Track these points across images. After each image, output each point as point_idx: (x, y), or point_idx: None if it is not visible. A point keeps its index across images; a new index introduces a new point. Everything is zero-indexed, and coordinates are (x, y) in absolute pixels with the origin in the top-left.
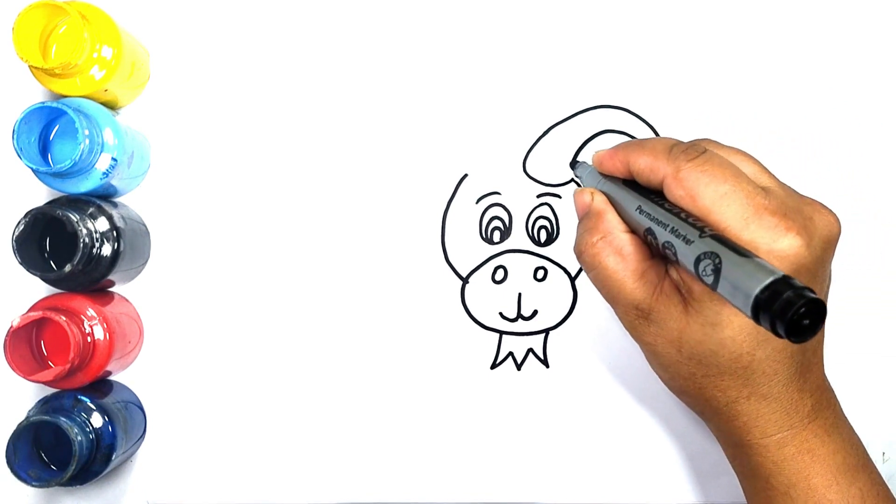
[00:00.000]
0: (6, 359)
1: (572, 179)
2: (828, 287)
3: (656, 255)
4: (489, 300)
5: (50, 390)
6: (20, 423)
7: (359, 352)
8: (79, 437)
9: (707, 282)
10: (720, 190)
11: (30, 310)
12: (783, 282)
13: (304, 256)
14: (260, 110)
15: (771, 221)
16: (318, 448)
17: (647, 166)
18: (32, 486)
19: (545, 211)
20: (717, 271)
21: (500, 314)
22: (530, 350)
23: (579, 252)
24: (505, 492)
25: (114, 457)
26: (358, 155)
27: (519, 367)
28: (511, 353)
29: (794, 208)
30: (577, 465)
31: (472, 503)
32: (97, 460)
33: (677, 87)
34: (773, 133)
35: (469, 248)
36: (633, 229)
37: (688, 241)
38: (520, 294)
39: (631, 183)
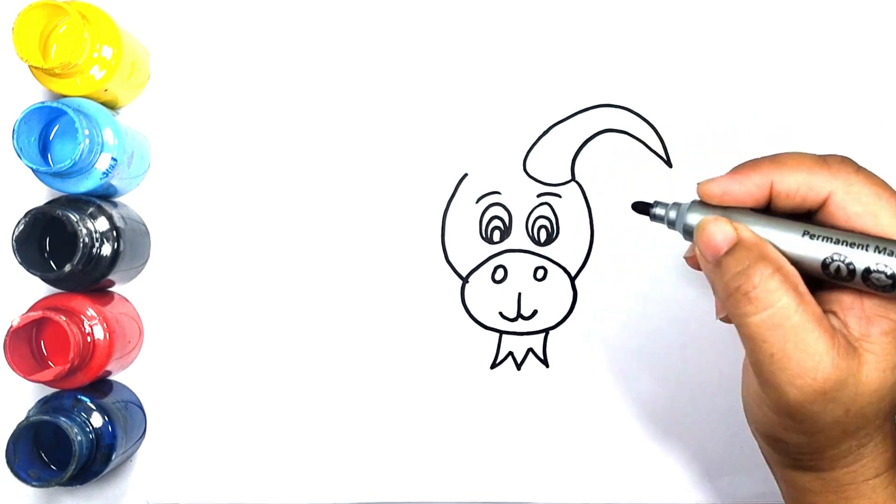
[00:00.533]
0: (6, 359)
1: (572, 179)
2: None
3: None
4: (489, 300)
5: (50, 390)
6: (20, 423)
7: (359, 351)
8: (79, 437)
9: None
10: (893, 209)
11: (30, 310)
12: None
13: (304, 256)
14: (260, 110)
15: None
16: (318, 448)
17: (805, 183)
18: (32, 485)
19: (545, 211)
20: None
21: (500, 314)
22: (530, 350)
23: (744, 292)
24: (505, 491)
25: (114, 457)
26: (358, 155)
27: (519, 366)
28: (511, 353)
29: None
30: (576, 465)
31: (471, 503)
32: (97, 460)
33: (678, 87)
34: (774, 133)
35: (469, 248)
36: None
37: (883, 251)
38: (520, 294)
39: (763, 212)
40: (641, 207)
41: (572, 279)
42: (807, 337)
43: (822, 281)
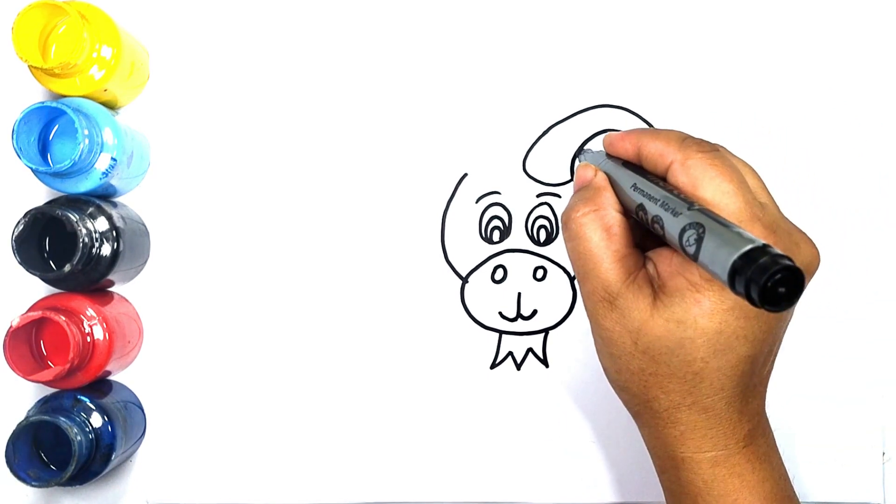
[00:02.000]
0: (6, 359)
1: (572, 179)
2: (790, 317)
3: (640, 241)
4: (489, 300)
5: (49, 390)
6: (20, 423)
7: (358, 351)
8: (78, 437)
9: (689, 252)
10: (723, 187)
11: (29, 310)
12: (761, 249)
13: (303, 256)
14: (260, 110)
15: (761, 233)
16: (318, 448)
17: (658, 151)
18: (32, 486)
19: (545, 210)
20: (699, 240)
21: (500, 314)
22: (530, 350)
23: (566, 220)
24: (504, 491)
25: (113, 457)
26: (358, 154)
27: (518, 366)
28: (511, 353)
29: (785, 230)
30: (576, 465)
31: (471, 503)
32: (97, 460)
33: (677, 87)
34: (773, 133)
35: (469, 248)
36: (626, 210)
37: (676, 214)
38: (519, 294)
39: (634, 166)
40: (577, 152)
41: (572, 279)
42: (602, 265)
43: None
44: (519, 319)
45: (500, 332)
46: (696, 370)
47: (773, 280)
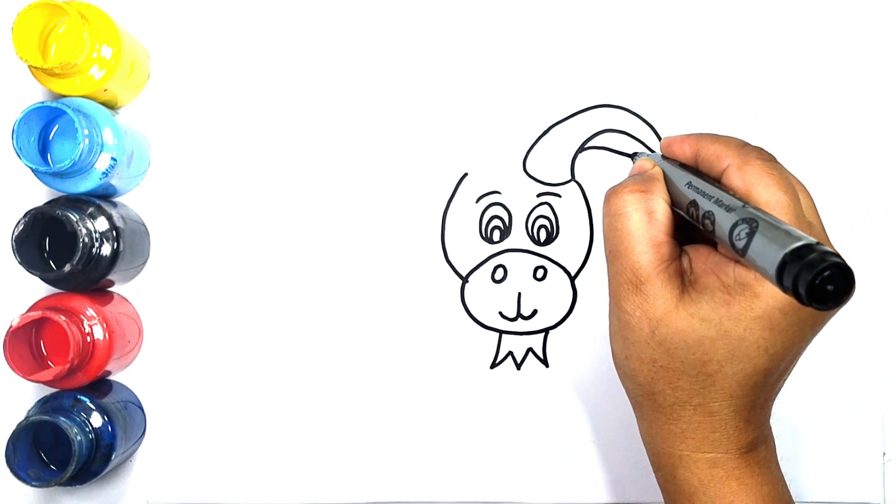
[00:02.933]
0: (6, 358)
1: (572, 179)
2: (812, 338)
3: (680, 238)
4: (489, 299)
5: (49, 390)
6: (20, 423)
7: (358, 351)
8: (78, 437)
9: (739, 246)
10: (777, 197)
11: (29, 309)
12: (812, 247)
13: (303, 256)
14: (260, 110)
15: None
16: (317, 448)
17: (715, 153)
18: (32, 485)
19: (545, 210)
20: (751, 234)
21: (500, 313)
22: (530, 349)
23: (610, 194)
24: (504, 491)
25: (113, 457)
26: (358, 154)
27: (518, 366)
28: (511, 353)
29: None
30: (576, 465)
31: (470, 503)
32: (97, 460)
33: (677, 87)
34: (773, 133)
35: (469, 248)
36: (675, 205)
37: (729, 210)
38: (519, 293)
39: (689, 167)
40: (632, 156)
41: (572, 279)
42: (637, 246)
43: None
44: (519, 319)
45: (500, 332)
46: (710, 372)
47: (821, 277)
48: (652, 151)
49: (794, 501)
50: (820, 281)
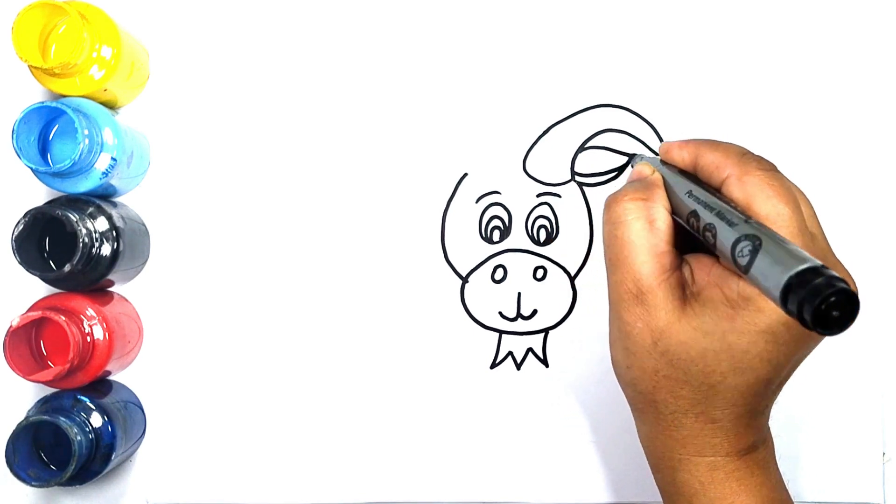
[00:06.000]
0: (6, 359)
1: (572, 179)
2: (814, 347)
3: (680, 246)
4: (489, 299)
5: (49, 390)
6: (20, 423)
7: (358, 351)
8: (78, 437)
9: (741, 263)
10: (778, 209)
11: (29, 309)
12: (817, 270)
13: (303, 256)
14: (260, 110)
15: None
16: (317, 448)
17: (715, 162)
18: (32, 485)
19: (545, 210)
20: (754, 252)
21: (500, 314)
22: (530, 349)
23: (610, 202)
24: (504, 491)
25: (113, 456)
26: (358, 154)
27: (518, 366)
28: (510, 353)
29: (832, 263)
30: (576, 465)
31: (470, 503)
32: (97, 460)
33: (677, 86)
34: (773, 133)
35: (469, 248)
36: (675, 213)
37: (731, 224)
38: (519, 293)
39: (689, 174)
40: (630, 158)
41: (572, 279)
42: (638, 256)
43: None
44: (519, 319)
45: (500, 332)
46: (713, 383)
47: (827, 302)
48: (653, 153)
49: (792, 501)
50: (825, 307)
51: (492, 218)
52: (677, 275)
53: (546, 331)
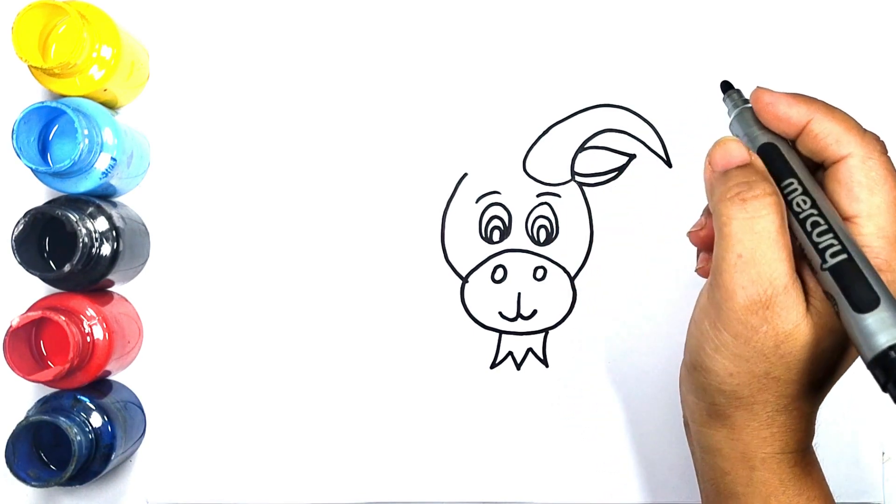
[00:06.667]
0: (5, 358)
1: (572, 179)
2: None
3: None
4: (489, 300)
5: (49, 390)
6: (19, 423)
7: (358, 351)
8: (78, 437)
9: (833, 298)
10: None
11: (29, 309)
12: None
13: (303, 256)
14: (260, 110)
15: None
16: (317, 448)
17: (834, 134)
18: (32, 485)
19: (545, 210)
20: (870, 306)
21: (500, 314)
22: (530, 350)
23: (742, 197)
24: (504, 491)
25: (113, 457)
26: (358, 154)
27: (518, 366)
28: (510, 353)
29: None
30: (576, 465)
31: (470, 503)
32: (96, 460)
33: (678, 87)
34: None
35: (468, 248)
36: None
37: (831, 253)
38: (519, 293)
39: (786, 143)
40: (725, 86)
41: (572, 279)
42: (775, 253)
43: None
44: (519, 319)
45: (500, 332)
46: (820, 378)
47: None
48: (734, 91)
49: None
50: None
51: (492, 218)
52: (797, 276)
53: (546, 331)
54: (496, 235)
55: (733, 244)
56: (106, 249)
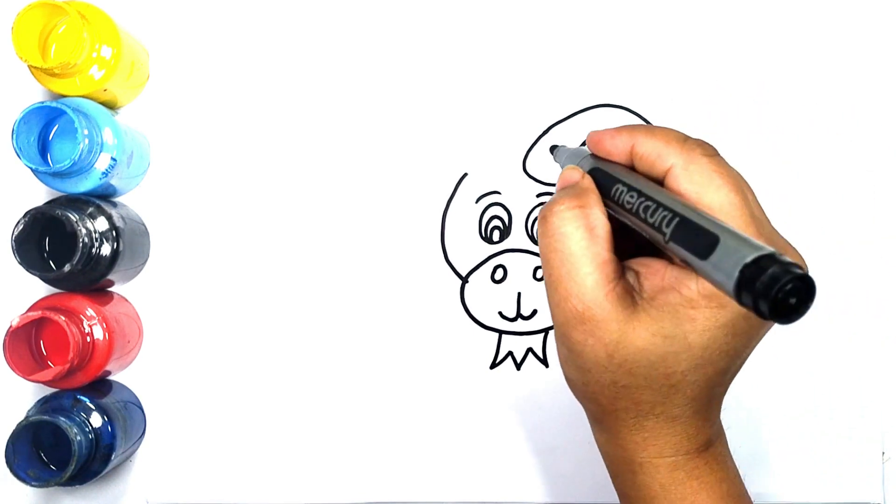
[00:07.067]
0: (5, 358)
1: None
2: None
3: (618, 249)
4: (489, 299)
5: (49, 390)
6: (19, 423)
7: (358, 351)
8: (78, 437)
9: (689, 259)
10: (729, 198)
11: (29, 309)
12: (771, 257)
13: (303, 256)
14: (260, 110)
15: None
16: (317, 448)
17: (655, 151)
18: (32, 485)
19: None
20: (710, 247)
21: (500, 313)
22: (530, 349)
23: (545, 214)
24: (504, 491)
25: (113, 456)
26: (358, 154)
27: (518, 366)
28: (510, 353)
29: (781, 246)
30: (576, 465)
31: (470, 502)
32: (96, 460)
33: (677, 86)
34: (773, 132)
35: (469, 248)
36: (613, 214)
37: (684, 221)
38: (519, 293)
39: (624, 167)
40: (551, 148)
41: None
42: (581, 268)
43: (653, 247)
44: (519, 319)
45: (500, 332)
46: (673, 383)
47: (783, 291)
48: (561, 147)
49: (748, 494)
50: (782, 295)
51: (492, 218)
52: (623, 283)
53: (546, 331)
54: (496, 235)
55: (544, 265)
56: (106, 249)
